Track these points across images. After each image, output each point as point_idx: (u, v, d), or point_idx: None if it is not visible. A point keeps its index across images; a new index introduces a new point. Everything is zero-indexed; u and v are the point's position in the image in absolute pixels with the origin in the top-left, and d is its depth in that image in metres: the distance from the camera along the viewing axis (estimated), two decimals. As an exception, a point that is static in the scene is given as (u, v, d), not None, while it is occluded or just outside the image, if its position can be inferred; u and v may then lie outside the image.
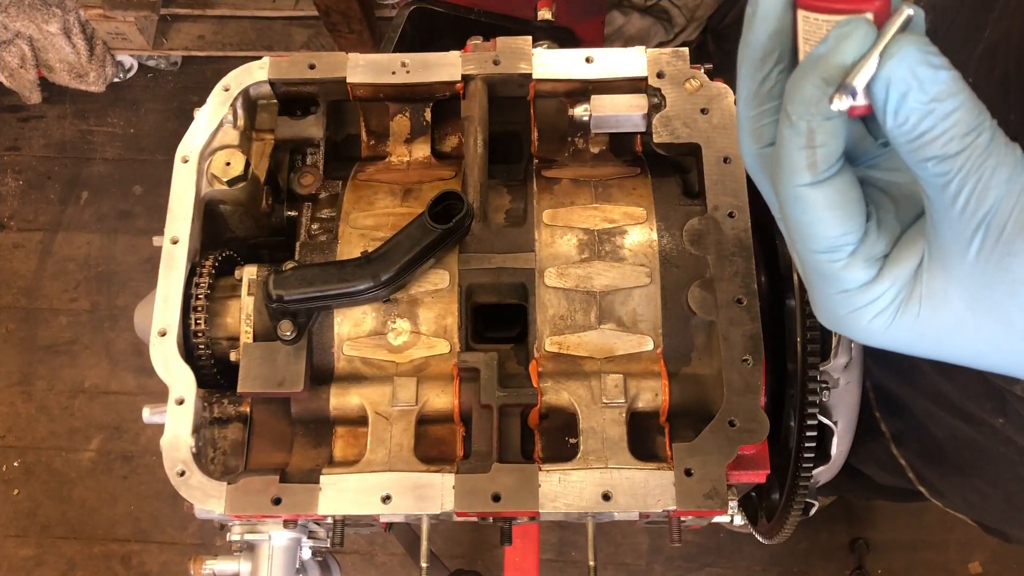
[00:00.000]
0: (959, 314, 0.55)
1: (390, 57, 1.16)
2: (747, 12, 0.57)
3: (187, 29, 2.90)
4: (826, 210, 0.55)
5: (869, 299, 0.57)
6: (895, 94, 0.50)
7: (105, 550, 2.58)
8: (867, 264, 0.57)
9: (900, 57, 0.49)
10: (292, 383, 1.02)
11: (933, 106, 0.49)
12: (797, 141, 0.53)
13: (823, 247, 0.56)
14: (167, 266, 1.07)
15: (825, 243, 0.56)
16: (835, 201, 0.55)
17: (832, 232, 0.56)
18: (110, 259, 2.86)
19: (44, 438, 2.68)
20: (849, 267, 0.57)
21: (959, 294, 0.54)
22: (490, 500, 0.97)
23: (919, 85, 0.49)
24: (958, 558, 2.47)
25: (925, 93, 0.49)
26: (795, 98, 0.53)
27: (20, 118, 3.06)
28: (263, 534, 1.15)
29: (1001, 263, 0.52)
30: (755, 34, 0.56)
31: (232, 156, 1.11)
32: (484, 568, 2.47)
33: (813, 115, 0.53)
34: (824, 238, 0.56)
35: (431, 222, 1.01)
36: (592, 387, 1.02)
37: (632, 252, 1.08)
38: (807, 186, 0.54)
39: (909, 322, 0.57)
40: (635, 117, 1.13)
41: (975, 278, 0.53)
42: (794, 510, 1.14)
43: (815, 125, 0.53)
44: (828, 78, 0.52)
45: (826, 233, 0.56)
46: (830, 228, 0.56)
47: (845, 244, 0.56)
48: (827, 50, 0.51)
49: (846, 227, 0.56)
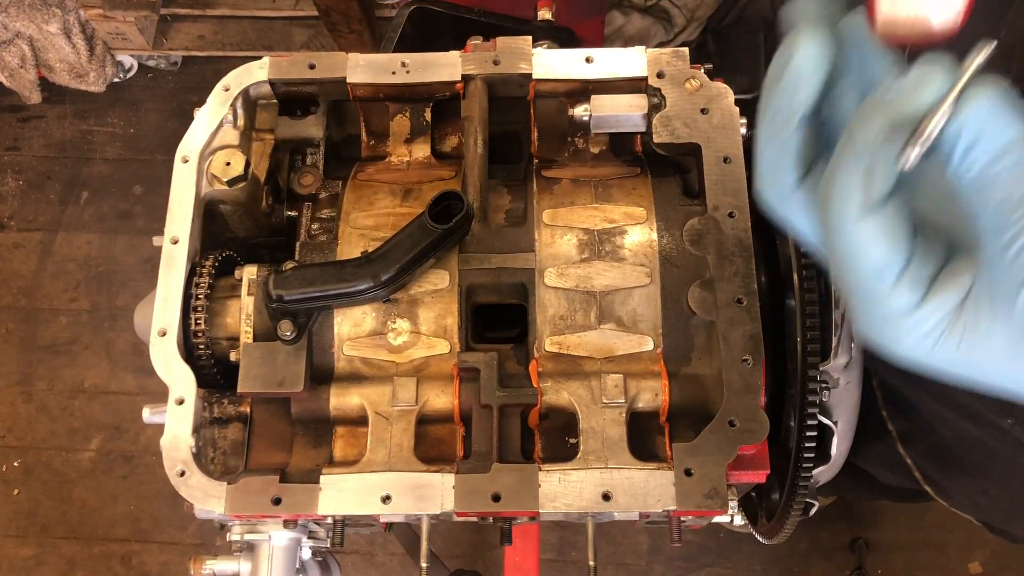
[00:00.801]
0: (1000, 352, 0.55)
1: (390, 57, 1.16)
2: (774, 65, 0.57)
3: (187, 29, 2.90)
4: (874, 238, 0.55)
5: (912, 325, 0.57)
6: (967, 139, 0.50)
7: (105, 550, 2.58)
8: (912, 288, 0.56)
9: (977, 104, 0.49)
10: (292, 383, 1.02)
11: (1002, 155, 0.49)
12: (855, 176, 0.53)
13: (870, 272, 0.56)
14: (167, 266, 1.07)
15: (872, 269, 0.56)
16: (885, 229, 0.55)
17: (879, 258, 0.55)
18: (110, 259, 2.87)
19: (44, 438, 2.68)
20: (894, 292, 0.56)
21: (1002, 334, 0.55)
22: (490, 500, 0.97)
23: (991, 135, 0.49)
24: (958, 558, 2.47)
25: (998, 140, 0.49)
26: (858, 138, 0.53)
27: (20, 118, 3.06)
28: (263, 534, 1.15)
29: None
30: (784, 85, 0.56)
31: (232, 156, 1.11)
32: (484, 568, 2.47)
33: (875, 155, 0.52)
34: (871, 264, 0.56)
35: (431, 222, 1.01)
36: (592, 387, 1.02)
37: (632, 252, 1.08)
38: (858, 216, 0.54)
39: (950, 351, 0.57)
40: (635, 117, 1.13)
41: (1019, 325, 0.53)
42: (794, 510, 1.14)
43: (876, 164, 0.52)
44: (897, 124, 0.51)
45: (873, 259, 0.56)
46: (877, 254, 0.55)
47: (891, 268, 0.56)
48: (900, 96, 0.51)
49: (893, 251, 0.55)
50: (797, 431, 1.06)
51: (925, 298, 0.56)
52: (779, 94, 0.58)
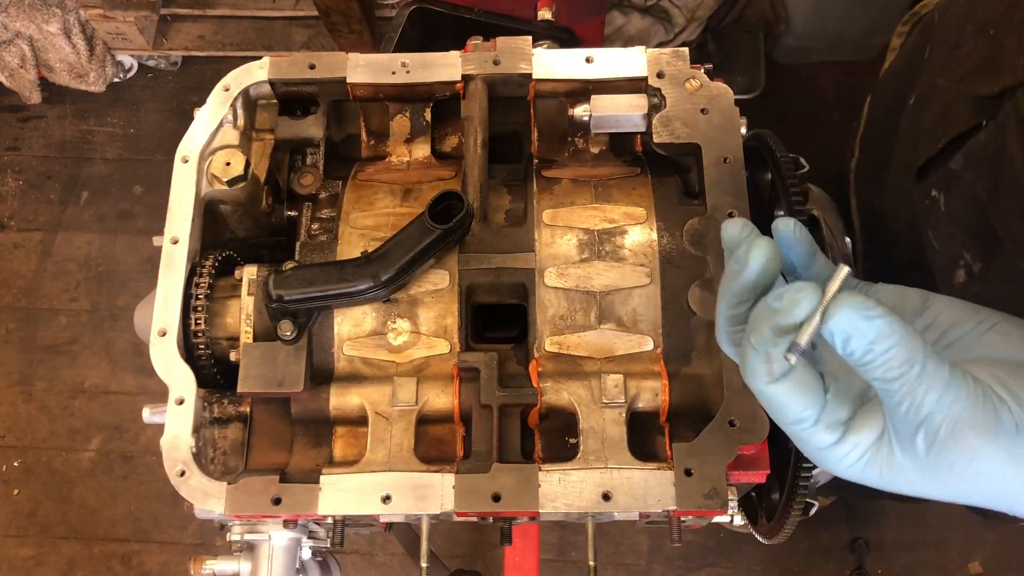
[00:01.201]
0: (915, 479, 0.68)
1: (390, 57, 1.16)
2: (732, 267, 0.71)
3: (187, 29, 2.90)
4: (785, 397, 0.68)
5: (838, 458, 0.69)
6: (839, 339, 0.63)
7: (105, 550, 2.58)
8: (829, 430, 0.69)
9: (840, 315, 0.62)
10: (292, 383, 1.02)
11: (871, 347, 0.62)
12: (758, 360, 0.68)
13: (790, 420, 0.69)
14: (167, 266, 1.07)
15: (791, 418, 0.69)
16: (792, 390, 0.68)
17: (794, 411, 0.68)
18: (110, 259, 2.86)
19: (44, 438, 2.68)
20: (815, 434, 0.69)
21: (912, 467, 0.67)
22: (490, 500, 0.97)
23: (858, 333, 0.62)
24: (958, 558, 2.46)
25: (864, 338, 0.62)
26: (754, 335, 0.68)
27: (20, 118, 3.06)
28: (263, 534, 1.15)
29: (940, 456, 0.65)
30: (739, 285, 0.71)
31: (232, 156, 1.11)
32: (484, 568, 2.47)
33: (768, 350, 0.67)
34: (789, 415, 0.69)
35: (431, 222, 1.01)
36: (592, 387, 1.02)
37: (632, 252, 1.08)
38: (767, 385, 0.68)
39: (875, 476, 0.69)
40: (635, 117, 1.13)
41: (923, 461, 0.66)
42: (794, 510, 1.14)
43: (771, 354, 0.67)
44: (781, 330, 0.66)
45: (789, 412, 0.69)
46: (791, 409, 0.69)
47: (807, 418, 0.69)
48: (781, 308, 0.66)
49: (805, 406, 0.68)
50: (797, 431, 1.06)
51: (843, 438, 0.69)
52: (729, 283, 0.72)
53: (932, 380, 0.63)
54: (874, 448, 0.68)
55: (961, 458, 0.64)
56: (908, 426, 0.65)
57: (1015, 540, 2.47)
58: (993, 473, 0.65)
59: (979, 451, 0.64)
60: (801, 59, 2.82)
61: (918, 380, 0.63)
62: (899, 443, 0.67)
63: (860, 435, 0.69)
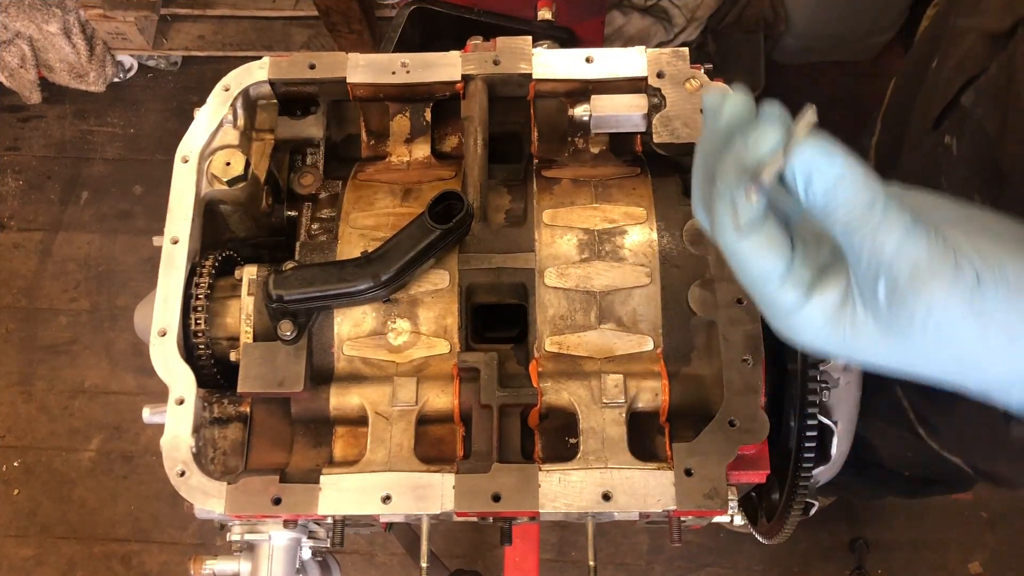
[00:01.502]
0: (878, 340, 0.67)
1: (390, 57, 1.16)
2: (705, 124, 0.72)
3: (187, 29, 2.90)
4: (753, 253, 0.68)
5: (803, 320, 0.69)
6: (802, 180, 0.63)
7: (105, 550, 2.58)
8: (795, 289, 0.69)
9: (803, 152, 0.63)
10: (292, 383, 1.02)
11: (833, 189, 0.63)
12: (725, 208, 0.68)
13: (756, 278, 0.70)
14: (167, 266, 1.07)
15: (757, 275, 0.69)
16: (760, 245, 0.68)
17: (761, 267, 0.69)
18: (110, 259, 2.86)
19: (44, 438, 2.68)
20: (781, 293, 0.69)
21: (875, 325, 0.67)
22: (490, 500, 0.97)
23: (819, 173, 0.63)
24: (958, 558, 2.46)
25: (827, 177, 0.63)
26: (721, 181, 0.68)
27: (20, 118, 3.06)
28: (263, 534, 1.15)
29: (901, 308, 0.64)
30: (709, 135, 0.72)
31: (232, 156, 1.11)
32: (484, 568, 2.47)
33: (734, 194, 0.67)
34: (755, 272, 0.69)
35: (431, 222, 1.01)
36: (592, 387, 1.02)
37: (632, 252, 1.08)
38: (736, 241, 0.68)
39: (840, 341, 0.69)
40: (635, 117, 1.13)
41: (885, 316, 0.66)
42: (794, 510, 1.14)
43: (736, 200, 0.67)
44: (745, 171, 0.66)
45: (756, 268, 0.69)
46: (758, 265, 0.68)
47: (773, 274, 0.69)
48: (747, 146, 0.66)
49: (771, 262, 0.68)
50: (797, 431, 1.06)
51: (808, 298, 0.69)
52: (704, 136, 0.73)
53: (892, 226, 0.63)
54: (839, 309, 0.68)
55: (920, 308, 0.64)
56: (870, 276, 0.65)
57: (1015, 540, 2.47)
58: (952, 327, 0.64)
59: (937, 300, 0.63)
60: (801, 59, 2.82)
61: (879, 226, 0.63)
62: (862, 298, 0.66)
63: (825, 295, 0.68)
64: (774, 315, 0.72)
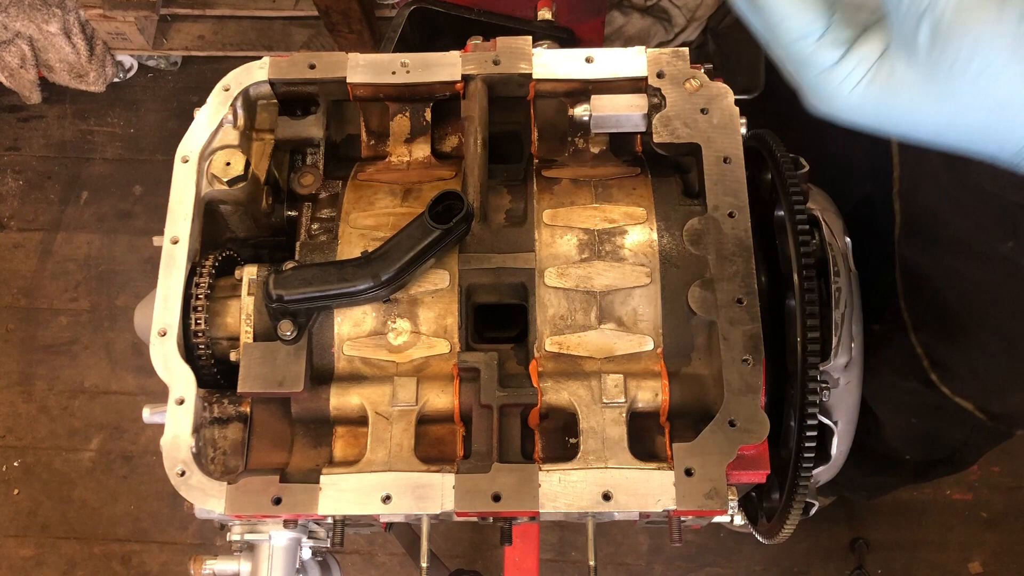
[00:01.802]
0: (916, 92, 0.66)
1: (390, 57, 1.16)
2: None
3: (187, 29, 2.90)
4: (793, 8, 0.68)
5: (838, 78, 0.69)
6: None
7: (105, 550, 2.58)
8: (833, 46, 0.68)
9: None
10: (292, 383, 1.02)
11: None
12: None
13: (795, 36, 0.69)
14: (167, 266, 1.07)
15: (796, 33, 0.68)
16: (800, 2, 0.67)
17: (800, 23, 0.68)
18: (110, 259, 2.87)
19: (44, 438, 2.68)
20: (818, 51, 0.68)
21: (915, 76, 0.66)
22: (490, 500, 0.97)
23: None
24: (958, 558, 2.46)
25: None
26: None
27: (20, 118, 3.06)
28: (263, 534, 1.14)
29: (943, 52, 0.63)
30: None
31: (232, 156, 1.11)
32: (484, 568, 2.47)
33: None
34: (795, 29, 0.68)
35: (431, 222, 1.01)
36: (592, 387, 1.02)
37: (632, 252, 1.08)
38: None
39: (874, 100, 0.68)
40: (635, 117, 1.13)
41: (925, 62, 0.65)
42: (794, 510, 1.14)
43: None
44: None
45: (796, 24, 0.68)
46: (795, 21, 0.68)
47: (812, 31, 0.68)
48: None
49: (810, 19, 0.68)
50: (797, 431, 1.06)
51: (846, 55, 0.68)
52: None
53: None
54: (877, 66, 0.67)
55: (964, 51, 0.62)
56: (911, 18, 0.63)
57: (1015, 540, 2.47)
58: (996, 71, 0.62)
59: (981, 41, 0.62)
60: (801, 59, 2.82)
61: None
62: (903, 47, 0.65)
63: (863, 51, 0.68)
64: (806, 78, 0.70)
